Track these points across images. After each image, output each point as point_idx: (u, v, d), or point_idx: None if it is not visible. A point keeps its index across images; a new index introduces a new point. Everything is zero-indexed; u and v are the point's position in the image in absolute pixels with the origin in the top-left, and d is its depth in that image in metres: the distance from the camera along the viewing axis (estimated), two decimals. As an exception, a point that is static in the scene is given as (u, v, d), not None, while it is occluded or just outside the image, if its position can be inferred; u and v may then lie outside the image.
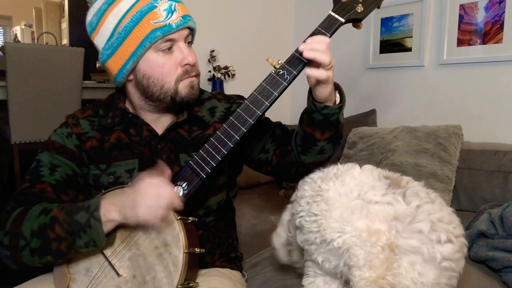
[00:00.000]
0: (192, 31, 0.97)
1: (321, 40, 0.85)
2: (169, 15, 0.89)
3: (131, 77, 0.95)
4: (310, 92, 0.92)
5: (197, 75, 0.97)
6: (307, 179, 0.90)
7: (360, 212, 0.79)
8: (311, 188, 0.86)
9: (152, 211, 0.81)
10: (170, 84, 0.93)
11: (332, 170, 0.89)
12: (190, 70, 0.94)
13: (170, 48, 0.91)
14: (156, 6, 0.88)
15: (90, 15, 0.94)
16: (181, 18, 0.90)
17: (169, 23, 0.89)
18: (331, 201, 0.81)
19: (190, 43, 0.97)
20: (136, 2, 0.88)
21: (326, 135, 0.94)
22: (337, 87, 0.94)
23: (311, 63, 0.87)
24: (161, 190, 0.83)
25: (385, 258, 0.73)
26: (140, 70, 0.92)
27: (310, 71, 0.86)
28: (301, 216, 0.86)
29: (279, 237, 1.01)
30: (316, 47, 0.84)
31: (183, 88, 0.94)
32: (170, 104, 0.95)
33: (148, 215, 0.81)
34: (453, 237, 0.76)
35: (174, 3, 0.91)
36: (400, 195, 0.80)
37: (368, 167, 0.88)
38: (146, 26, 0.88)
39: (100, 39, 0.93)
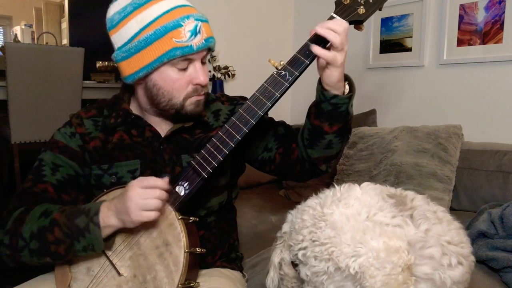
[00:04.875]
0: (210, 50, 0.96)
1: (339, 23, 0.84)
2: (193, 36, 0.88)
3: (142, 81, 0.94)
4: (320, 82, 0.91)
5: (206, 94, 0.99)
6: (304, 207, 0.85)
7: (373, 231, 0.74)
8: (311, 216, 0.81)
9: (144, 208, 0.81)
10: (178, 99, 0.93)
11: (330, 193, 0.84)
12: (200, 89, 0.95)
13: (186, 67, 0.91)
14: (182, 25, 0.87)
15: (112, 11, 0.91)
16: (203, 41, 0.90)
17: (191, 45, 0.88)
18: (338, 225, 0.76)
19: (204, 62, 0.97)
20: (162, 15, 0.87)
21: (335, 127, 0.92)
22: (346, 78, 0.92)
23: (322, 43, 0.85)
24: (144, 183, 0.82)
25: (402, 280, 0.70)
26: (152, 79, 0.92)
27: (318, 49, 0.84)
28: (304, 248, 0.79)
29: (273, 280, 0.95)
30: (332, 27, 0.83)
31: (189, 104, 0.95)
32: (174, 115, 0.96)
33: (143, 215, 0.81)
34: (462, 259, 0.75)
35: (200, 23, 0.89)
36: (408, 217, 0.77)
37: (368, 186, 0.85)
38: (167, 43, 0.86)
39: (117, 39, 0.91)
